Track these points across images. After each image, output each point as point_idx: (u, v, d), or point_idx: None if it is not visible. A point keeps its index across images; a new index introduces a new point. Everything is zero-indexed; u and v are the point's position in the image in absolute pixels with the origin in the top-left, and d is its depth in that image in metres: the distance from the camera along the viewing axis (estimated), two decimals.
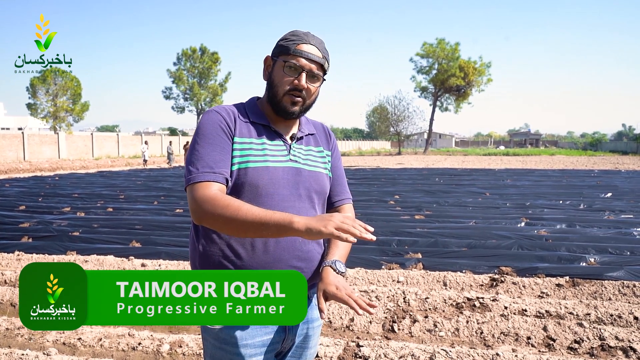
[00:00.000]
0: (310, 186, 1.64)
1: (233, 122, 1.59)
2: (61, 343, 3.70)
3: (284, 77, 1.58)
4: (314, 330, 1.70)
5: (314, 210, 1.65)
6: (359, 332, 3.90)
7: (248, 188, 1.53)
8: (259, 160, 1.56)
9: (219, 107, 1.63)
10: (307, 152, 1.68)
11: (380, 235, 7.13)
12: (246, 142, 1.58)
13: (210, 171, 1.49)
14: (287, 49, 1.57)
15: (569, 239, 6.79)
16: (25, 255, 6.20)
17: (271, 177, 1.56)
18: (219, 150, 1.53)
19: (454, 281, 4.94)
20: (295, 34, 1.60)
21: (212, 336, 1.56)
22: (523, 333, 3.69)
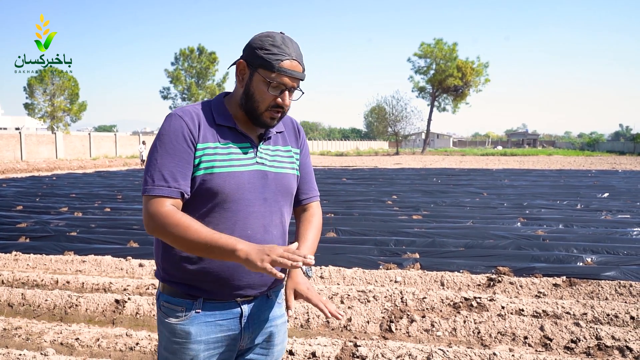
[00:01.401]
0: (276, 189, 1.62)
1: (197, 128, 1.54)
2: (59, 343, 3.70)
3: (266, 93, 1.53)
4: (278, 328, 1.70)
5: (280, 213, 1.64)
6: (356, 332, 3.90)
7: (213, 194, 1.52)
8: (224, 166, 1.54)
9: (182, 111, 1.57)
10: (274, 153, 1.66)
11: (377, 235, 7.15)
12: (211, 147, 1.54)
13: (165, 185, 1.49)
14: (270, 65, 1.51)
15: (566, 238, 6.81)
16: (22, 255, 6.19)
17: (236, 183, 1.54)
18: (177, 160, 1.50)
19: (451, 281, 4.95)
20: (275, 43, 1.52)
21: (168, 329, 1.58)
22: (520, 333, 3.70)
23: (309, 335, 3.87)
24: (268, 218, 1.59)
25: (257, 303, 1.63)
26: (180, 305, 1.56)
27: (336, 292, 4.61)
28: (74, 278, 5.19)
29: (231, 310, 1.58)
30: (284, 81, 1.52)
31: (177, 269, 1.56)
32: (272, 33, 1.56)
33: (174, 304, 1.57)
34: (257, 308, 1.63)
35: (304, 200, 1.80)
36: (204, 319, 1.56)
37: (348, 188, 14.21)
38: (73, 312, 4.41)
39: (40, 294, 4.63)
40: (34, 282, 5.18)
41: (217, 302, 1.57)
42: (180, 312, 1.56)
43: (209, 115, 1.59)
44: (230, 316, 1.58)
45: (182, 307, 1.56)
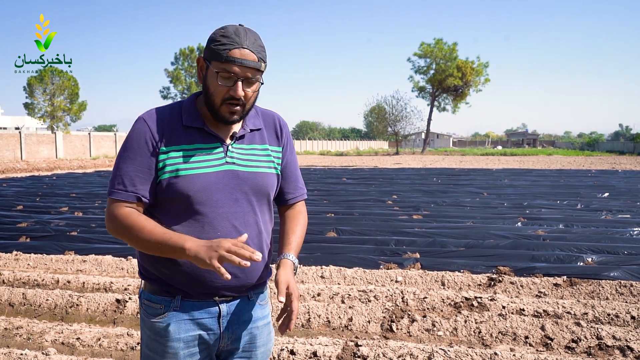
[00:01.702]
0: (250, 189, 1.60)
1: (160, 131, 1.54)
2: (60, 343, 3.70)
3: (218, 86, 1.50)
4: (260, 330, 1.68)
5: (254, 213, 1.61)
6: (357, 331, 3.90)
7: (181, 197, 1.52)
8: (190, 168, 1.52)
9: (149, 114, 1.57)
10: (248, 152, 1.62)
11: (378, 235, 7.15)
12: (176, 150, 1.53)
13: (123, 190, 1.52)
14: (218, 56, 1.47)
15: (567, 238, 6.82)
16: (23, 255, 6.19)
17: (203, 184, 1.52)
18: (136, 165, 1.52)
19: (452, 281, 4.96)
20: (225, 34, 1.48)
21: (148, 327, 1.60)
22: (521, 332, 3.70)
23: (310, 335, 3.87)
24: (240, 219, 1.57)
25: (237, 304, 1.62)
26: (159, 303, 1.58)
27: (337, 291, 4.62)
28: (75, 278, 5.20)
29: (209, 309, 1.58)
30: (233, 70, 1.47)
31: (154, 268, 1.58)
32: (228, 25, 1.52)
33: (154, 301, 1.59)
34: (238, 309, 1.62)
35: (290, 200, 1.78)
36: (182, 317, 1.56)
37: (348, 188, 14.22)
38: (74, 311, 4.41)
39: (41, 293, 4.64)
40: (34, 281, 5.18)
41: (195, 301, 1.57)
42: (159, 310, 1.58)
43: (177, 116, 1.58)
44: (208, 315, 1.58)
45: (161, 305, 1.57)
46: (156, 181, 1.54)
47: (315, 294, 4.60)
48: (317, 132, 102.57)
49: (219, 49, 1.47)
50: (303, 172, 21.51)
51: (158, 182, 1.53)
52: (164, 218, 1.54)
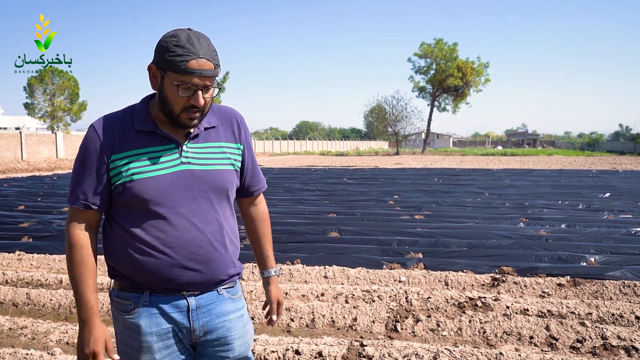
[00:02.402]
0: (208, 186, 1.63)
1: (111, 138, 1.57)
2: (65, 343, 3.70)
3: (177, 97, 1.51)
4: (233, 323, 1.71)
5: (214, 210, 1.65)
6: (362, 331, 3.91)
7: (137, 200, 1.55)
8: (144, 172, 1.55)
9: (99, 122, 1.60)
10: (203, 151, 1.64)
11: (380, 235, 7.15)
12: (129, 155, 1.56)
13: (75, 198, 1.59)
14: (176, 68, 1.47)
15: (569, 238, 6.82)
16: (26, 255, 6.19)
17: (158, 186, 1.55)
18: (87, 174, 1.57)
19: (455, 281, 4.96)
20: (179, 43, 1.47)
21: (121, 323, 1.64)
22: (526, 332, 3.71)
23: (315, 335, 3.87)
24: (199, 216, 1.60)
25: (205, 297, 1.65)
26: (128, 299, 1.61)
27: (340, 291, 4.62)
28: None
29: (177, 303, 1.62)
30: (193, 82, 1.49)
31: (119, 266, 1.62)
32: (178, 31, 1.51)
33: (123, 298, 1.63)
34: (206, 302, 1.65)
35: (255, 192, 1.87)
36: (152, 312, 1.60)
37: (349, 188, 14.22)
38: None
39: (44, 293, 4.64)
40: (38, 281, 5.18)
41: (163, 296, 1.61)
42: (129, 306, 1.61)
43: (129, 122, 1.60)
44: (177, 309, 1.61)
45: (130, 300, 1.61)
46: (111, 187, 1.58)
47: (319, 294, 4.60)
48: (317, 132, 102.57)
49: (175, 60, 1.47)
50: (303, 172, 21.64)
51: (113, 188, 1.57)
52: (123, 221, 1.59)
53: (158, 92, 1.57)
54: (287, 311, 4.13)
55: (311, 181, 16.59)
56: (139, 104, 1.66)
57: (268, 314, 1.94)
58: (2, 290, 4.74)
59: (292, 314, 4.09)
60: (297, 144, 64.60)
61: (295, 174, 20.35)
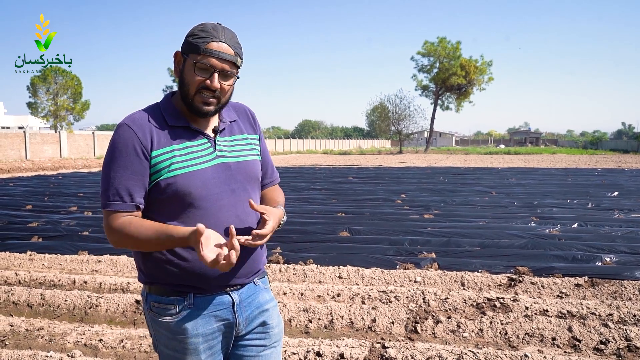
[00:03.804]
0: (243, 178, 1.64)
1: (148, 136, 1.53)
2: (82, 344, 3.67)
3: (194, 77, 1.53)
4: (270, 312, 1.73)
5: (252, 200, 1.64)
6: (381, 332, 3.87)
7: (181, 196, 1.53)
8: (185, 166, 1.54)
9: (131, 120, 1.56)
10: (232, 143, 1.67)
11: (391, 234, 7.11)
12: (168, 151, 1.54)
13: (120, 200, 1.51)
14: (196, 48, 1.50)
15: (582, 238, 6.77)
16: (37, 255, 6.17)
17: (202, 180, 1.55)
18: (129, 173, 1.51)
19: (471, 281, 4.92)
20: (204, 29, 1.52)
21: (164, 328, 1.60)
22: (548, 334, 3.67)
23: (334, 336, 3.84)
24: (240, 208, 1.61)
25: (245, 290, 1.66)
26: (171, 303, 1.58)
27: (356, 292, 4.58)
28: (91, 278, 5.17)
29: (222, 300, 1.62)
30: (211, 62, 1.50)
31: (161, 272, 1.58)
32: (206, 22, 1.56)
33: (165, 302, 1.59)
34: (247, 294, 1.67)
35: (267, 185, 1.86)
36: (197, 313, 1.58)
37: (356, 187, 14.18)
38: (93, 312, 4.39)
39: (59, 294, 4.61)
40: (51, 282, 5.16)
41: (208, 295, 1.60)
42: (173, 310, 1.58)
43: (159, 118, 1.59)
44: (223, 306, 1.62)
45: (174, 304, 1.58)
46: (149, 184, 1.55)
47: (335, 294, 4.57)
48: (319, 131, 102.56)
49: (197, 41, 1.51)
50: (308, 171, 21.60)
51: (154, 184, 1.54)
52: (164, 220, 1.55)
53: (179, 77, 1.58)
54: (304, 312, 4.10)
55: (317, 180, 16.55)
56: (164, 101, 1.66)
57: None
58: (17, 291, 4.72)
59: (310, 315, 4.06)
60: (300, 142, 64.56)
61: (300, 172, 20.32)
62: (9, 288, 4.81)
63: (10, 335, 3.84)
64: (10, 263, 6.03)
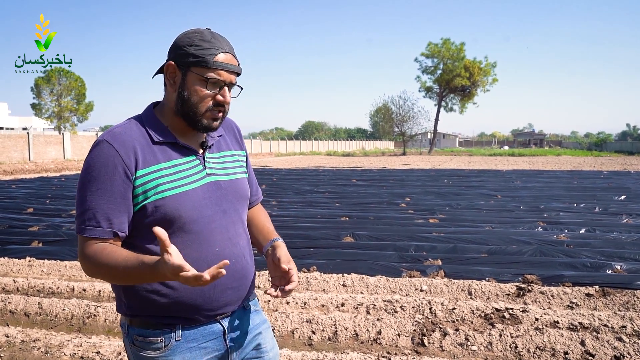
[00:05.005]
0: (233, 197, 1.55)
1: (132, 154, 1.38)
2: (79, 357, 3.57)
3: (204, 92, 1.41)
4: (263, 335, 1.65)
5: (241, 221, 1.59)
6: (387, 345, 3.75)
7: (171, 219, 1.39)
8: (174, 187, 1.41)
9: (111, 136, 1.39)
10: (221, 160, 1.57)
11: (396, 240, 6.99)
12: (154, 170, 1.40)
13: (97, 226, 1.35)
14: (204, 61, 1.38)
15: (591, 244, 6.63)
16: (36, 261, 6.07)
17: (192, 202, 1.42)
18: (108, 196, 1.35)
19: (479, 290, 4.80)
20: (203, 38, 1.40)
21: None
22: (560, 348, 3.54)
23: (338, 349, 3.72)
24: (232, 229, 1.52)
25: (235, 316, 1.56)
26: (157, 336, 1.44)
27: (361, 301, 4.47)
28: (90, 286, 5.07)
29: (212, 330, 1.50)
30: (221, 76, 1.41)
31: (144, 302, 1.43)
32: (197, 29, 1.44)
33: (150, 336, 1.44)
34: (237, 320, 1.57)
35: (252, 203, 1.76)
36: (186, 346, 1.46)
37: (359, 190, 14.05)
38: (91, 322, 4.28)
39: (57, 303, 4.51)
40: (49, 289, 5.06)
41: (197, 326, 1.47)
42: (159, 344, 1.44)
43: (143, 134, 1.44)
44: (213, 336, 1.51)
45: (160, 337, 1.44)
46: (134, 208, 1.39)
47: (339, 304, 4.45)
48: (323, 132, 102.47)
49: (203, 53, 1.39)
50: (311, 173, 21.50)
51: (140, 208, 1.39)
52: (150, 246, 1.40)
53: (177, 93, 1.44)
54: (308, 323, 3.98)
55: (320, 182, 16.44)
56: (146, 114, 1.51)
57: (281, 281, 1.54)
58: (14, 299, 4.63)
59: (313, 327, 3.95)
60: (303, 144, 64.50)
61: (303, 175, 20.21)
62: (6, 296, 4.72)
63: (6, 347, 3.74)
64: (9, 269, 5.94)
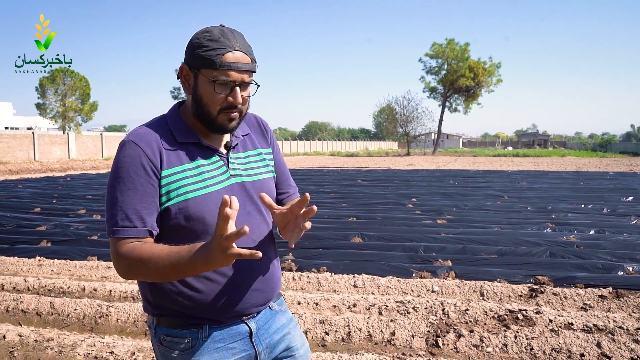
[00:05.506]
0: (257, 198, 1.52)
1: (157, 154, 1.38)
2: (93, 357, 3.56)
3: (214, 95, 1.38)
4: (292, 334, 1.63)
5: (266, 223, 1.56)
6: (401, 346, 3.73)
7: (194, 221, 1.39)
8: (198, 189, 1.40)
9: (137, 136, 1.39)
10: (246, 160, 1.55)
11: (405, 240, 6.97)
12: (178, 171, 1.39)
13: (131, 226, 1.34)
14: (211, 62, 1.35)
15: (601, 246, 6.60)
16: (46, 260, 6.08)
17: (216, 203, 1.40)
18: (139, 195, 1.34)
19: (491, 291, 4.77)
20: (212, 37, 1.36)
21: None
22: (576, 350, 3.52)
23: (352, 349, 3.71)
24: (256, 232, 1.50)
25: (261, 317, 1.56)
26: (184, 336, 1.44)
27: (373, 302, 4.45)
28: (101, 285, 5.07)
29: (239, 330, 1.50)
30: (230, 76, 1.37)
31: (172, 303, 1.43)
32: (209, 28, 1.41)
33: (177, 336, 1.44)
34: (264, 321, 1.56)
35: (285, 199, 1.71)
36: (213, 346, 1.45)
37: (365, 190, 14.03)
38: (103, 322, 4.28)
39: (69, 302, 4.51)
40: (60, 289, 5.06)
41: (224, 326, 1.47)
42: (187, 344, 1.44)
43: (167, 134, 1.44)
44: (240, 337, 1.50)
45: (188, 337, 1.44)
46: (160, 208, 1.39)
47: (351, 304, 4.44)
48: (326, 132, 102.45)
49: (210, 54, 1.36)
50: (316, 173, 21.48)
51: (164, 210, 1.38)
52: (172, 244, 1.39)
53: (192, 95, 1.43)
54: (321, 324, 3.97)
55: (325, 183, 16.43)
56: (171, 114, 1.50)
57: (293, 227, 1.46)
58: (26, 298, 4.63)
59: (326, 327, 3.93)
60: (307, 144, 64.48)
61: (308, 175, 20.20)
62: (18, 295, 4.72)
63: (19, 346, 3.73)
64: (19, 268, 5.95)
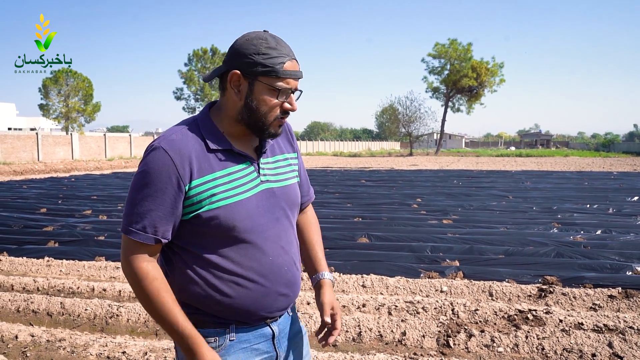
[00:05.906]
0: (286, 204, 1.53)
1: (187, 165, 1.36)
2: (105, 357, 3.58)
3: (273, 102, 1.40)
4: (304, 341, 1.68)
5: (292, 229, 1.58)
6: (412, 346, 3.74)
7: (225, 229, 1.40)
8: (229, 196, 1.40)
9: (168, 143, 1.37)
10: (274, 165, 1.55)
11: (412, 241, 6.98)
12: (209, 179, 1.39)
13: (142, 231, 1.36)
14: (274, 71, 1.36)
15: (608, 246, 6.59)
16: (55, 261, 6.10)
17: (247, 211, 1.41)
18: (158, 204, 1.35)
19: (500, 291, 4.78)
20: (270, 45, 1.37)
21: None
22: (587, 350, 3.52)
23: (363, 350, 3.72)
24: (284, 238, 1.51)
25: (282, 321, 1.58)
26: (211, 335, 1.45)
27: (382, 302, 4.46)
28: (110, 285, 5.09)
29: (263, 332, 1.52)
30: (290, 84, 1.41)
31: (199, 304, 1.44)
32: (260, 34, 1.41)
33: (204, 335, 1.44)
34: (284, 325, 1.59)
35: (304, 203, 1.74)
36: (239, 346, 1.47)
37: (369, 190, 14.04)
38: (114, 322, 4.30)
39: (79, 302, 4.53)
40: (69, 289, 5.08)
41: (249, 327, 1.49)
42: (213, 343, 1.45)
43: (199, 140, 1.42)
44: (264, 339, 1.52)
45: (214, 337, 1.45)
46: (188, 216, 1.39)
47: (360, 304, 4.45)
48: (328, 132, 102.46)
49: (273, 62, 1.37)
50: (319, 173, 21.50)
51: (194, 216, 1.39)
52: (203, 252, 1.42)
53: (244, 103, 1.41)
54: None
55: (329, 183, 16.44)
56: (202, 118, 1.47)
57: (322, 331, 1.65)
58: (36, 299, 4.65)
59: None
60: (310, 144, 64.51)
61: (311, 175, 20.20)
62: (28, 296, 4.74)
63: (32, 346, 3.75)
64: (28, 269, 5.97)
